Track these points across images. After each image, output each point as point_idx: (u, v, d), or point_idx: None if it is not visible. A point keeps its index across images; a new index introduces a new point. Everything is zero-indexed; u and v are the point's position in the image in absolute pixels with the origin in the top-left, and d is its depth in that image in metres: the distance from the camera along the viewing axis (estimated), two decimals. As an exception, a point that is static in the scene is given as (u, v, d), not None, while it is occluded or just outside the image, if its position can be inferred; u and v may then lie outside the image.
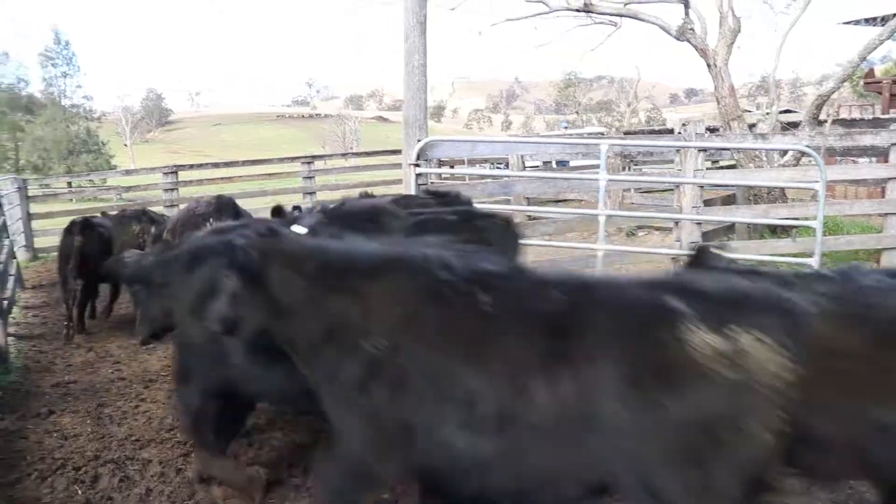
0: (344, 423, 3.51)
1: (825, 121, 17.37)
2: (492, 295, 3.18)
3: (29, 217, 18.04)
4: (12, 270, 12.41)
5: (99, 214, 10.72)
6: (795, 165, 14.21)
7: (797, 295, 3.19)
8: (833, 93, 16.21)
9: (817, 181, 8.29)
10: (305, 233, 4.43)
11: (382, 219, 5.61)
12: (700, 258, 3.77)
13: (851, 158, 17.56)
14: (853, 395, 3.21)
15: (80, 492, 4.90)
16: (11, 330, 9.40)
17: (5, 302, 8.48)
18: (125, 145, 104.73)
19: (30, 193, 19.31)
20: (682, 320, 2.81)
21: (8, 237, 13.67)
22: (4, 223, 12.82)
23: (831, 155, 15.21)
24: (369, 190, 7.76)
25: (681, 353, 2.76)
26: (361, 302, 3.38)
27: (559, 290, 3.15)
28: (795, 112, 29.73)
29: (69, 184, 29.27)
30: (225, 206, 8.04)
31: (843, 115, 23.27)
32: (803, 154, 11.87)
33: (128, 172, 26.02)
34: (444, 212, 5.92)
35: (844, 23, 27.89)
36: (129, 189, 21.34)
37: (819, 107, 15.95)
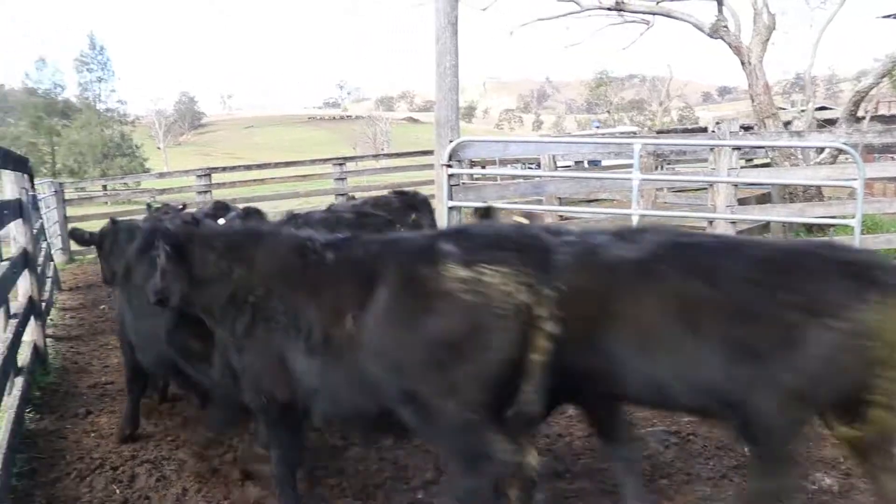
0: (240, 364, 4.24)
1: (863, 117, 17.21)
2: (333, 255, 4.02)
3: (66, 220, 18.27)
4: (50, 273, 12.55)
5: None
6: (832, 163, 14.06)
7: (559, 242, 3.86)
8: (871, 89, 16.03)
9: (855, 178, 8.19)
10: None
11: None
12: (487, 213, 5.04)
13: (890, 155, 17.35)
14: (589, 324, 3.69)
15: (118, 491, 4.93)
16: (49, 331, 9.48)
17: (43, 304, 8.57)
18: (158, 148, 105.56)
19: (66, 197, 19.54)
20: (446, 259, 3.44)
21: (45, 240, 13.83)
22: (42, 226, 12.97)
23: (869, 152, 15.09)
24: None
25: (437, 283, 3.42)
26: (249, 266, 4.18)
27: (375, 246, 3.98)
28: (832, 109, 29.42)
29: (104, 187, 29.61)
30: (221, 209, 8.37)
31: (882, 111, 23.01)
32: (840, 151, 11.72)
33: (161, 175, 26.19)
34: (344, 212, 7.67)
35: (883, 16, 27.50)
36: (162, 192, 21.53)
37: (857, 103, 15.76)
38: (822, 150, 13.93)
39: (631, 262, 3.79)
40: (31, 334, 7.62)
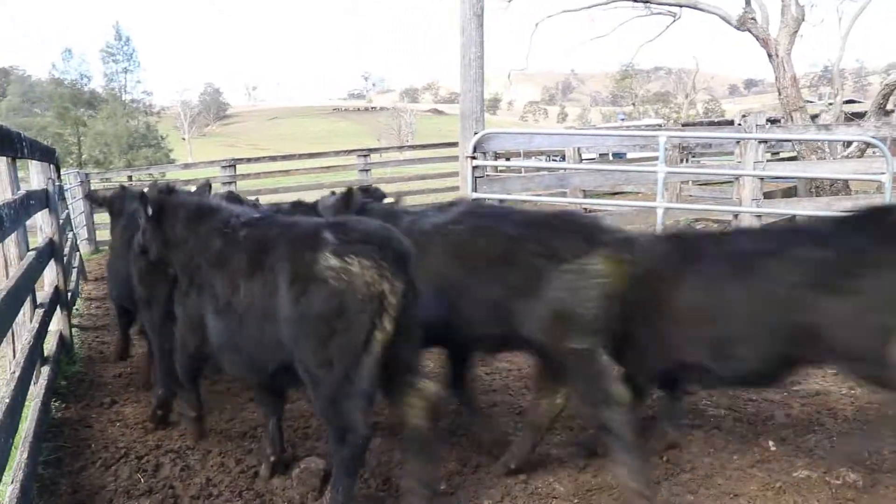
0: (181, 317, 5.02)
1: (892, 111, 17.00)
2: (245, 232, 4.56)
3: (91, 210, 18.38)
4: (76, 263, 12.65)
5: None
6: (860, 157, 13.92)
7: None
8: (901, 82, 15.82)
9: (883, 172, 8.11)
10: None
11: None
12: (349, 197, 5.65)
13: (919, 149, 17.12)
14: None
15: (142, 480, 4.95)
16: (75, 321, 9.56)
17: (69, 294, 8.64)
18: (183, 139, 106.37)
19: (92, 187, 19.67)
20: (325, 247, 3.97)
21: (72, 230, 13.94)
22: (68, 216, 13.08)
23: (898, 146, 14.88)
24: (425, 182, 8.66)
25: (316, 268, 3.95)
26: (196, 236, 4.80)
27: (276, 227, 4.48)
28: (860, 102, 29.12)
29: (129, 178, 29.69)
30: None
31: (911, 104, 22.73)
32: (868, 145, 11.60)
33: (186, 166, 26.27)
34: None
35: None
36: (187, 182, 21.62)
37: (886, 96, 15.59)
38: (849, 143, 13.80)
39: (435, 226, 4.94)
40: (57, 324, 7.68)
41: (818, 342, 4.18)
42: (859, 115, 16.87)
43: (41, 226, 8.10)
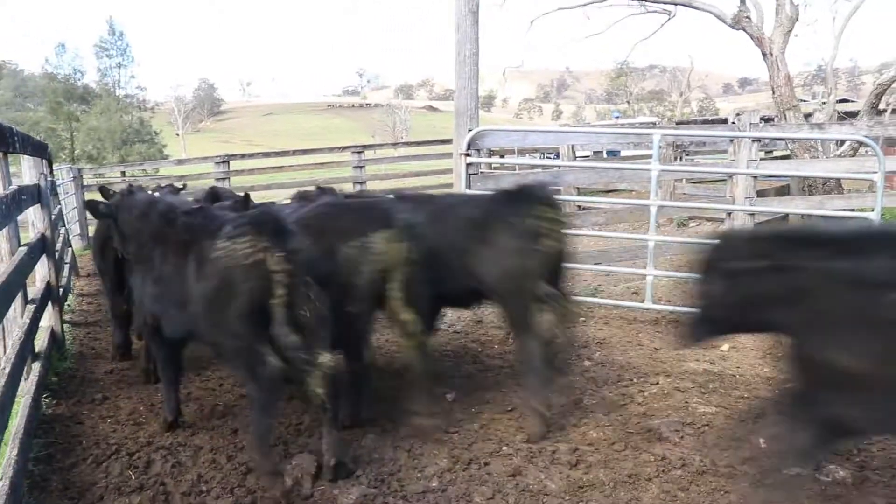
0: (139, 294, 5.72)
1: (885, 110, 17.04)
2: (181, 220, 5.22)
3: (84, 206, 18.32)
4: (68, 258, 12.61)
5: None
6: (852, 156, 13.94)
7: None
8: (894, 82, 15.85)
9: (875, 172, 8.11)
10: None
11: None
12: (213, 193, 7.16)
13: (911, 148, 17.15)
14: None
15: (133, 476, 4.94)
16: (67, 317, 9.53)
17: (61, 289, 8.61)
18: (177, 135, 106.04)
19: (85, 182, 19.65)
20: (222, 235, 4.66)
21: (64, 225, 13.91)
22: (60, 212, 13.05)
23: (890, 145, 14.94)
24: (419, 179, 9.22)
25: (211, 251, 4.68)
26: (147, 229, 5.49)
27: (201, 218, 5.19)
28: (853, 101, 29.16)
29: (123, 173, 29.63)
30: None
31: (903, 104, 22.76)
32: (861, 144, 11.62)
33: (180, 162, 26.36)
34: None
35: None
36: (181, 178, 21.60)
37: (878, 96, 15.62)
38: (842, 142, 13.81)
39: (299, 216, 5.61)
40: (48, 319, 7.66)
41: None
42: (852, 115, 16.88)
43: (33, 221, 8.07)
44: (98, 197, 6.71)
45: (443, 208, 6.16)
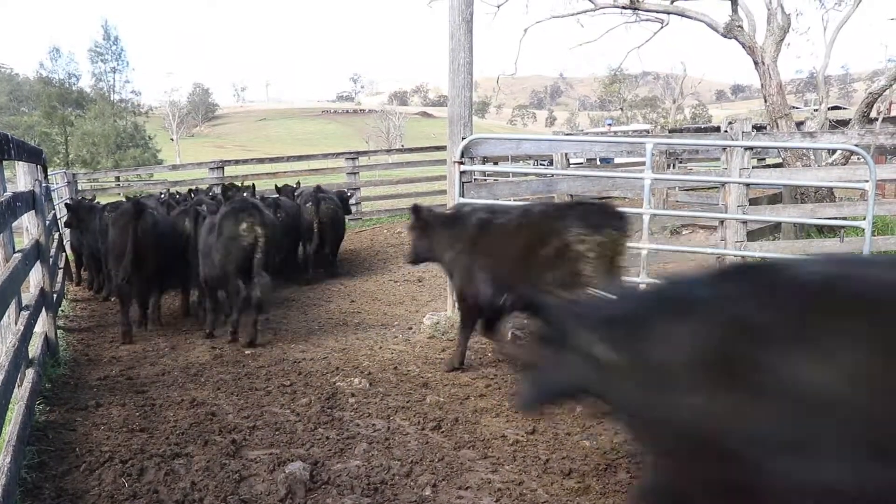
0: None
1: (876, 119, 17.09)
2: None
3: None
4: (61, 263, 12.62)
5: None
6: (844, 164, 14.00)
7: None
8: (885, 90, 15.92)
9: (866, 180, 8.15)
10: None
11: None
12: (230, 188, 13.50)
13: (902, 157, 17.19)
14: None
15: (126, 484, 4.93)
16: (61, 323, 9.54)
17: (55, 295, 8.62)
18: (172, 140, 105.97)
19: (79, 187, 19.66)
20: (216, 215, 8.46)
21: (58, 231, 13.91)
22: (55, 216, 13.05)
23: (881, 153, 14.97)
24: (413, 186, 11.36)
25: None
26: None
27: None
28: (845, 108, 29.21)
29: (117, 178, 29.63)
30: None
31: (895, 112, 22.86)
32: (852, 153, 11.67)
33: (174, 167, 26.27)
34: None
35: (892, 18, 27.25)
36: (175, 183, 21.60)
37: (870, 104, 15.69)
38: (834, 151, 13.86)
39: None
40: (42, 326, 7.67)
41: None
42: (844, 122, 16.94)
43: (27, 227, 8.08)
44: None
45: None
